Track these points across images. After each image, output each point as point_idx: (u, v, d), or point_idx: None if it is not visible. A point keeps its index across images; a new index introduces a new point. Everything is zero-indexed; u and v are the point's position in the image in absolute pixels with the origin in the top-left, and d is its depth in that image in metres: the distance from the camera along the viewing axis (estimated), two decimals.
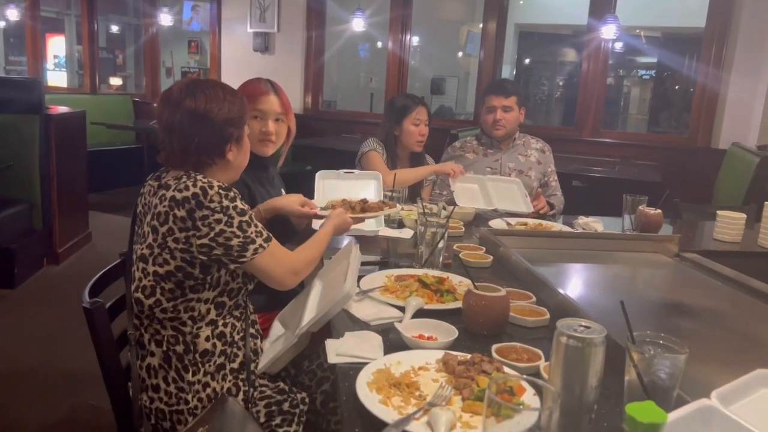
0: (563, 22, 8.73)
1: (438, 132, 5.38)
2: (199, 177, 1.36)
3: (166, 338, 1.40)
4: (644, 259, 2.19)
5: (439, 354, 1.21)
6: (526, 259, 1.86)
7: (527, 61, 10.69)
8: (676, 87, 9.70)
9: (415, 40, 8.81)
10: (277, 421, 1.45)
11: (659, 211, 2.40)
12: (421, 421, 0.99)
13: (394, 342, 1.31)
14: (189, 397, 1.39)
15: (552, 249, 2.22)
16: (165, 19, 6.60)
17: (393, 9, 5.64)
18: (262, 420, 1.44)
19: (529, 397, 1.03)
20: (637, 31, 8.62)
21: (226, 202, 1.34)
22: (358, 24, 5.58)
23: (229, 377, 1.44)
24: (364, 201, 1.93)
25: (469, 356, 1.18)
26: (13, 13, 7.08)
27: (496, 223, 2.42)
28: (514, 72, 10.04)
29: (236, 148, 1.47)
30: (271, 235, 1.44)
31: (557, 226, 2.45)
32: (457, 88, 9.48)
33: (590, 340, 0.93)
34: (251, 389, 1.46)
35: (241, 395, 1.44)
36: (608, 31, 4.64)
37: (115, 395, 1.40)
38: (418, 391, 1.09)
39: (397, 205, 2.00)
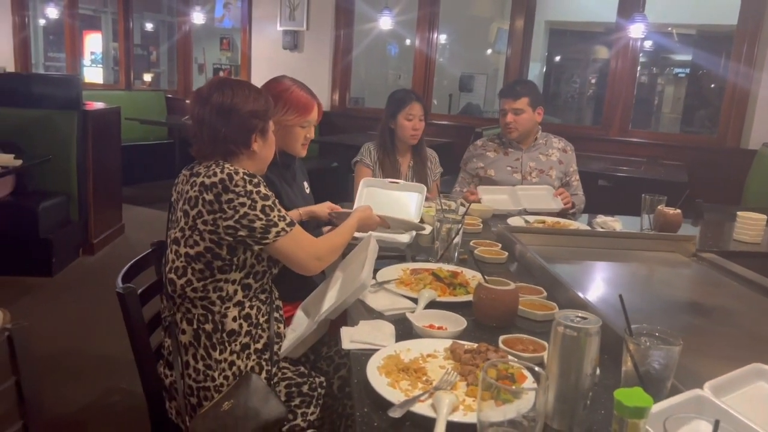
0: (595, 19, 8.66)
1: (464, 130, 5.45)
2: (227, 165, 1.47)
3: (196, 317, 1.51)
4: (661, 258, 2.22)
5: (448, 343, 1.27)
6: (543, 256, 1.90)
7: (558, 58, 10.62)
8: (712, 86, 9.54)
9: (444, 37, 8.84)
10: (296, 402, 1.54)
11: (678, 211, 2.42)
12: (426, 403, 1.06)
13: (406, 331, 1.38)
14: (215, 375, 1.49)
15: (569, 247, 2.26)
16: (198, 17, 6.75)
17: (421, 7, 5.68)
18: (282, 399, 1.52)
19: (529, 384, 1.09)
20: (669, 28, 8.51)
21: (249, 187, 1.44)
22: (385, 22, 5.64)
23: (253, 357, 1.53)
24: None
25: (475, 345, 1.24)
26: (52, 12, 7.32)
27: (515, 221, 2.46)
28: (544, 69, 9.99)
29: (261, 139, 1.57)
30: (294, 221, 1.54)
31: (575, 224, 2.49)
32: (485, 86, 9.47)
33: (586, 329, 0.98)
34: (273, 368, 1.55)
35: (264, 374, 1.53)
36: (636, 30, 4.61)
37: (145, 373, 1.50)
38: (425, 377, 1.16)
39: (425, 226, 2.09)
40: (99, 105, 4.64)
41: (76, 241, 4.20)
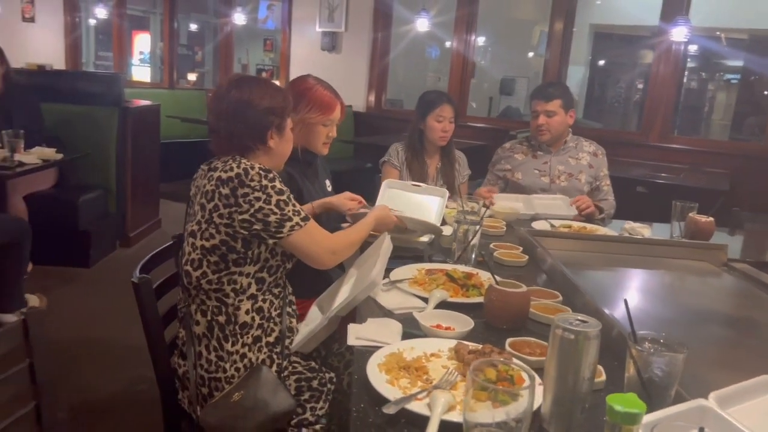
0: (640, 23, 8.47)
1: (500, 132, 5.40)
2: (243, 160, 1.50)
3: (210, 308, 1.54)
4: (689, 266, 2.15)
5: (453, 343, 1.27)
6: (568, 261, 1.87)
7: (602, 62, 10.42)
8: (765, 92, 9.22)
9: (486, 40, 8.77)
10: (306, 396, 1.55)
11: (711, 219, 2.35)
12: (424, 401, 1.05)
13: (414, 330, 1.37)
14: (227, 366, 1.52)
15: (595, 252, 2.22)
16: (239, 18, 6.87)
17: (459, 8, 5.66)
18: (292, 393, 1.54)
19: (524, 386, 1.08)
20: (717, 33, 8.26)
21: (265, 182, 1.47)
22: (422, 24, 5.63)
23: (265, 349, 1.56)
24: None
25: (480, 346, 1.23)
26: (102, 12, 7.55)
27: (540, 225, 2.43)
28: (588, 73, 9.82)
29: (277, 135, 1.59)
30: (309, 215, 1.56)
31: (602, 230, 2.44)
32: (527, 89, 9.36)
33: (585, 333, 0.96)
34: (284, 362, 1.57)
35: (274, 367, 1.55)
36: (678, 34, 4.50)
37: (158, 362, 1.53)
38: (426, 375, 1.15)
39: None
40: (140, 102, 4.76)
41: (114, 234, 4.32)
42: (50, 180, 3.92)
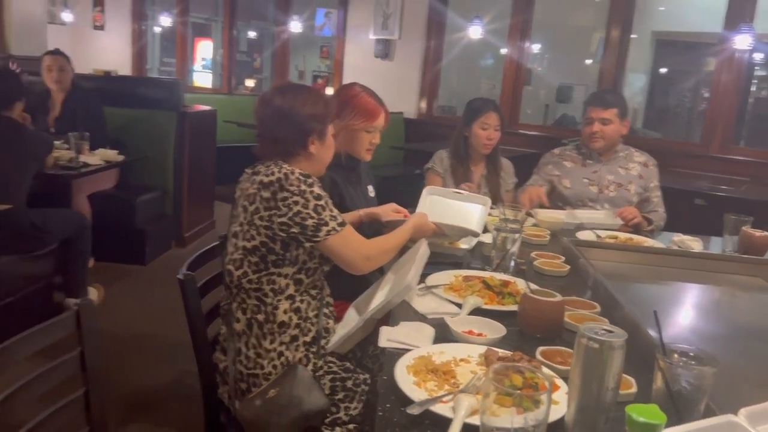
0: (705, 30, 8.20)
1: (552, 141, 5.32)
2: (285, 165, 1.56)
3: (250, 307, 1.60)
4: (740, 282, 2.09)
5: (483, 349, 1.28)
6: (611, 273, 1.85)
7: (664, 70, 10.12)
8: None
9: (543, 47, 8.67)
10: (340, 396, 1.58)
11: (766, 233, 2.27)
12: (449, 404, 1.07)
13: (445, 335, 1.39)
14: (265, 363, 1.57)
15: (641, 265, 2.17)
16: (295, 26, 7.03)
17: (513, 15, 5.63)
18: (326, 392, 1.58)
19: (557, 395, 1.08)
20: None
21: (303, 187, 1.52)
22: (475, 32, 5.63)
23: (301, 349, 1.60)
24: None
25: (510, 353, 1.24)
26: (166, 20, 7.86)
27: (585, 235, 2.39)
28: (649, 81, 9.57)
29: (318, 141, 1.64)
30: (345, 221, 1.60)
31: (649, 241, 2.38)
32: (584, 97, 9.18)
33: (609, 342, 0.96)
34: (320, 362, 1.61)
35: (310, 366, 1.60)
36: (742, 41, 4.35)
37: (201, 356, 1.60)
38: (454, 380, 1.17)
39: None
40: (198, 107, 4.93)
41: (170, 234, 4.47)
42: (112, 180, 4.11)
